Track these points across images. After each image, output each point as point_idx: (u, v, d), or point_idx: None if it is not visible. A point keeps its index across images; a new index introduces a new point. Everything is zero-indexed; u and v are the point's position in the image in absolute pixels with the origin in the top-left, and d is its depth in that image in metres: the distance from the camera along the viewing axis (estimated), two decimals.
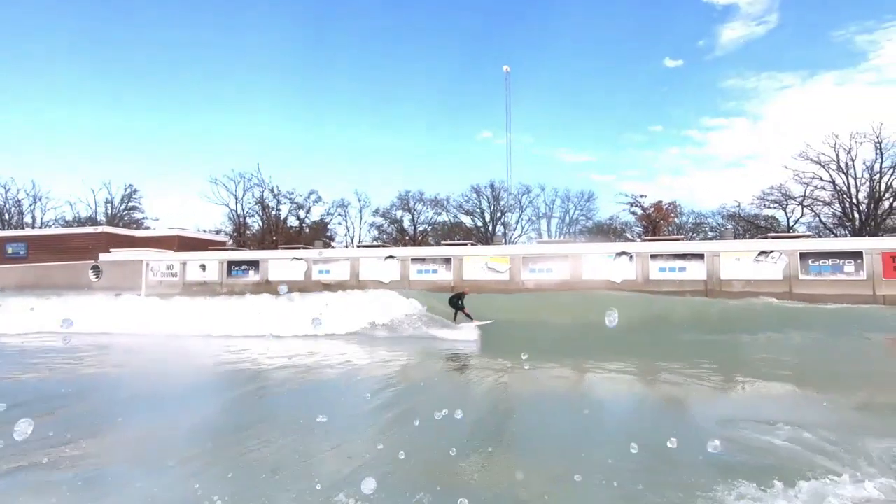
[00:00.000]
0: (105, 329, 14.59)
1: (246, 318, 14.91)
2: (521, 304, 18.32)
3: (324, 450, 4.56)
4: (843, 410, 6.36)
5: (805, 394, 7.25)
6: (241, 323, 14.49)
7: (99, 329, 14.50)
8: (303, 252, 25.36)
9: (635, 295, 18.69)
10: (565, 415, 6.27)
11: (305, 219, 45.67)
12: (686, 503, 3.54)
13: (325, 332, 13.76)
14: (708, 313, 16.15)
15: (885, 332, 13.70)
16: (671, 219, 40.24)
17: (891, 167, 32.38)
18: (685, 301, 17.89)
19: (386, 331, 14.33)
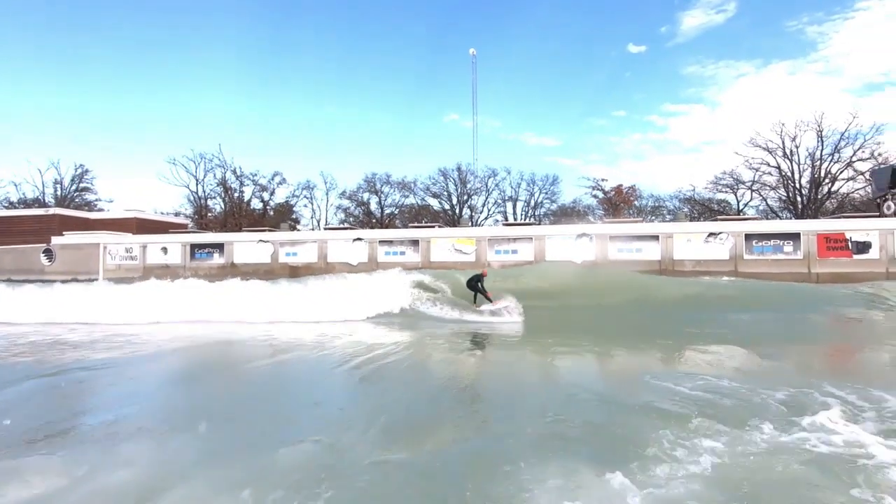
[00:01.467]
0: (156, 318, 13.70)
1: (288, 304, 14.42)
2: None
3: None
4: (758, 369, 7.21)
5: (730, 356, 8.11)
6: (284, 309, 14.06)
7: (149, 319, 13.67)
8: (269, 234, 25.16)
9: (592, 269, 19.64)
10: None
11: (270, 201, 44.87)
12: (626, 437, 4.15)
13: (345, 318, 13.57)
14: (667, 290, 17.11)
15: (822, 307, 14.85)
16: (631, 202, 41.75)
17: (830, 154, 34.63)
18: (641, 279, 18.92)
19: (418, 316, 14.15)
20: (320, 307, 14.03)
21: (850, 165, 34.17)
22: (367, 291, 15.36)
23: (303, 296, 15.16)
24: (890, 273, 18.48)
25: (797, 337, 11.07)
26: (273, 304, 14.42)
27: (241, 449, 4.23)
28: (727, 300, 15.77)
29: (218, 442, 4.47)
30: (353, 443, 4.29)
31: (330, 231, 27.72)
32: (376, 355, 8.33)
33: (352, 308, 14.18)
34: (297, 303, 14.47)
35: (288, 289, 16.26)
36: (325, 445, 4.23)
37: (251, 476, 3.61)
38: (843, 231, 19.10)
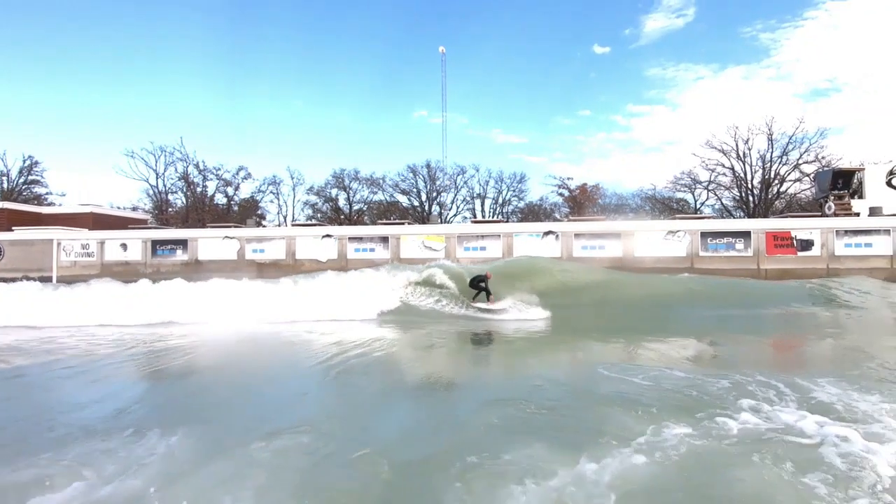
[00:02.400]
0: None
1: (313, 302, 14.08)
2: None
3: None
4: (710, 361, 7.80)
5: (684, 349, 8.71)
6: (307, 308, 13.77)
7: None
8: (235, 231, 24.72)
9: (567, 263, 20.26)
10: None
11: (234, 196, 43.88)
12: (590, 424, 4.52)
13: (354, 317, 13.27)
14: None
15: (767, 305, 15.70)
16: (595, 200, 42.97)
17: (779, 157, 36.65)
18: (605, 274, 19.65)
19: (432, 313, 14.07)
20: (334, 306, 13.86)
21: (797, 167, 36.25)
22: (371, 289, 15.32)
23: (307, 294, 14.97)
24: (830, 269, 19.85)
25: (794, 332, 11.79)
26: (279, 303, 14.06)
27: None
28: (691, 296, 16.62)
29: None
30: (334, 434, 4.50)
31: (298, 227, 27.44)
32: (361, 352, 8.50)
33: (356, 307, 13.99)
34: (307, 302, 14.21)
35: (292, 288, 15.88)
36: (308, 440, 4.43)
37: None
38: (788, 230, 20.37)
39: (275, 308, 13.42)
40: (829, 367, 7.00)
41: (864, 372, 6.43)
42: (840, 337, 10.06)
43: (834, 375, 6.15)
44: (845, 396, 5.15)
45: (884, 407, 4.80)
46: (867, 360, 7.15)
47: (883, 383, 5.72)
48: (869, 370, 6.49)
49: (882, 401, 4.99)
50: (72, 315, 12.99)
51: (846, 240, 19.96)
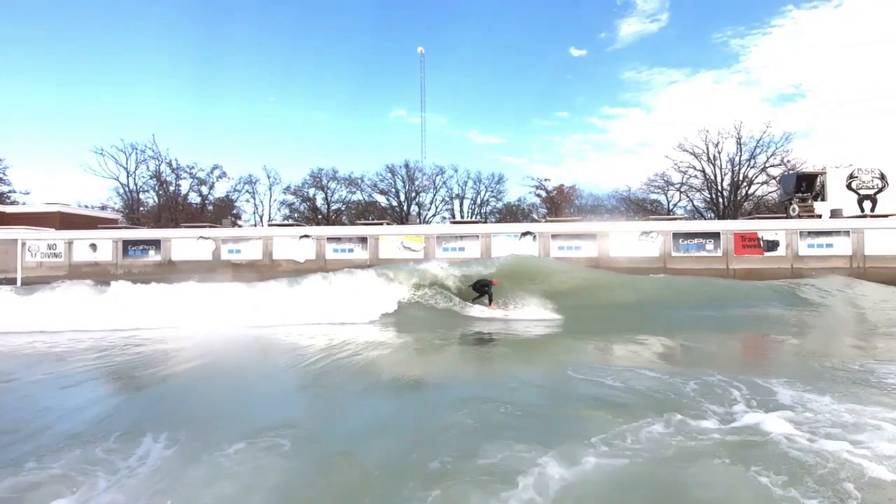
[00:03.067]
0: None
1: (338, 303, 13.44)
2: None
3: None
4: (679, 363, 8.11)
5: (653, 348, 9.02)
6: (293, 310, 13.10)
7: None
8: (210, 231, 24.31)
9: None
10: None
11: (209, 195, 43.08)
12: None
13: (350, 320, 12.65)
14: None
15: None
16: (572, 201, 43.68)
17: (747, 160, 37.93)
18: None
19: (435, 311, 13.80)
20: (345, 306, 13.32)
21: (764, 170, 37.59)
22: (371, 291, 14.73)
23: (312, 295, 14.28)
24: (794, 269, 20.67)
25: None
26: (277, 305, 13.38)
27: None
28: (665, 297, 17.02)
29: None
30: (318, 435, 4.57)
31: (275, 227, 27.14)
32: (349, 355, 8.54)
33: (355, 309, 13.39)
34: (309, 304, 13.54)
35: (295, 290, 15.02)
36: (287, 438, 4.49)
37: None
38: (755, 231, 21.13)
39: (269, 311, 12.76)
40: (804, 368, 7.33)
41: (826, 372, 6.76)
42: (818, 337, 10.52)
43: (802, 376, 6.48)
44: (806, 397, 5.39)
45: (848, 408, 5.07)
46: (831, 360, 7.48)
47: (849, 385, 6.02)
48: (834, 372, 6.80)
49: (836, 402, 5.27)
50: (43, 319, 12.40)
51: (809, 240, 20.81)
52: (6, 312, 12.57)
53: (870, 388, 5.90)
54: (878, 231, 20.60)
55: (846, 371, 6.76)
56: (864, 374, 6.58)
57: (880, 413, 4.87)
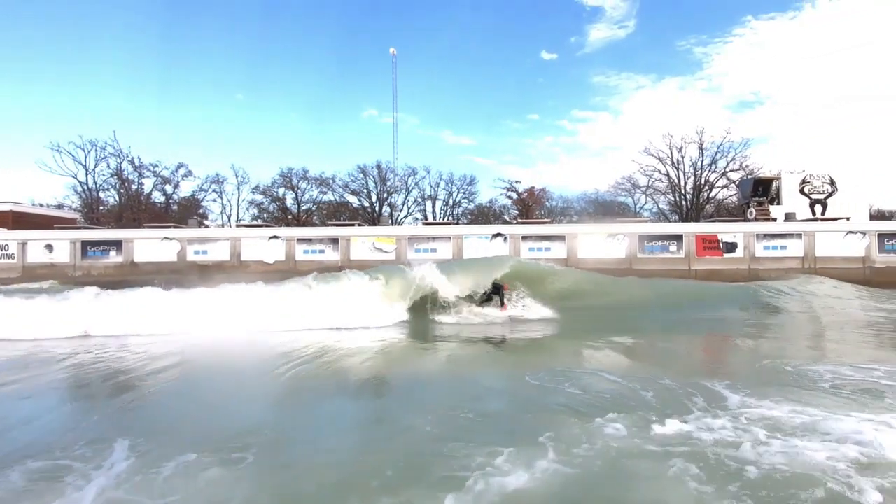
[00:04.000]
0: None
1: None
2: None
3: None
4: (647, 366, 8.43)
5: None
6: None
7: None
8: (176, 231, 23.66)
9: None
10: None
11: (174, 195, 41.84)
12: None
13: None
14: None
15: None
16: (542, 203, 44.38)
17: (709, 164, 39.40)
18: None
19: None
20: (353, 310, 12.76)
21: (724, 175, 39.11)
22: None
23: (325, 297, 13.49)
24: (751, 270, 21.61)
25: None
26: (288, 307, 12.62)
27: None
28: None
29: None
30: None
31: (244, 228, 26.62)
32: (327, 361, 8.50)
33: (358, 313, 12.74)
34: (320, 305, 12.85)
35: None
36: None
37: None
38: (716, 233, 22.01)
39: (272, 315, 12.11)
40: (761, 371, 7.57)
41: (781, 376, 7.04)
42: (788, 338, 10.91)
43: (756, 379, 6.79)
44: (750, 402, 5.56)
45: (806, 411, 5.30)
46: (791, 362, 7.69)
47: (805, 391, 6.20)
48: (784, 374, 7.06)
49: (780, 405, 5.50)
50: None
51: (765, 242, 21.80)
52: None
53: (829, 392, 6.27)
54: (828, 234, 21.76)
55: (799, 374, 7.11)
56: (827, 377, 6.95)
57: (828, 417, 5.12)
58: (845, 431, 4.67)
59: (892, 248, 21.45)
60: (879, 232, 21.72)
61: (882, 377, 6.74)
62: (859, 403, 5.54)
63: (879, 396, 5.87)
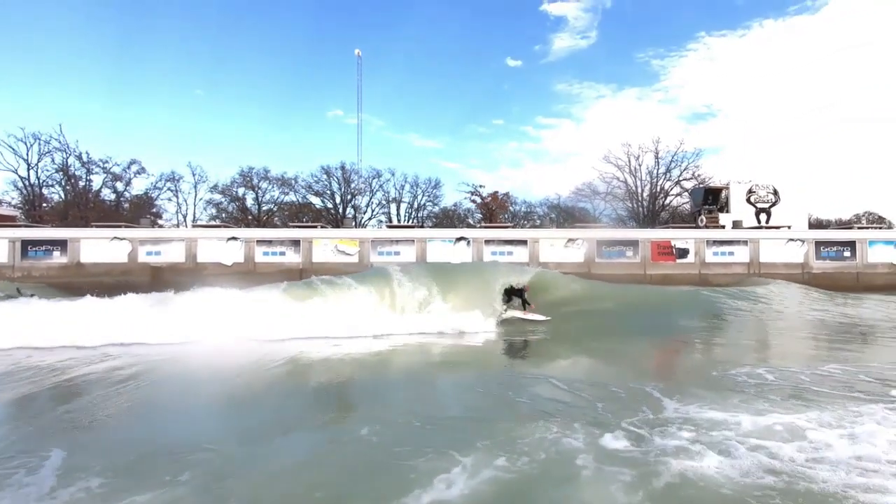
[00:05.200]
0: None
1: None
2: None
3: None
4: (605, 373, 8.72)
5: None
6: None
7: None
8: (126, 231, 22.64)
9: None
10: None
11: (125, 192, 39.94)
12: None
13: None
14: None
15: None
16: (506, 207, 44.95)
17: (664, 173, 41.02)
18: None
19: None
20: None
21: (678, 183, 40.80)
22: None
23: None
24: (701, 274, 22.64)
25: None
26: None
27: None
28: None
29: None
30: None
31: (201, 228, 25.76)
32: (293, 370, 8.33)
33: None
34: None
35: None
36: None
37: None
38: (669, 239, 22.95)
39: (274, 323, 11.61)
40: (710, 377, 7.89)
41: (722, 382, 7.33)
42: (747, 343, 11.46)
43: (702, 385, 7.13)
44: (691, 409, 5.75)
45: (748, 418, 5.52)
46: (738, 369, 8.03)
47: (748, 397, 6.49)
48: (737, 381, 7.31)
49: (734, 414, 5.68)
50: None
51: (714, 249, 22.90)
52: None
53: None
54: (771, 241, 23.09)
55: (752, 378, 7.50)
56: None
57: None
58: (763, 431, 4.96)
59: (827, 254, 22.97)
60: (817, 240, 23.22)
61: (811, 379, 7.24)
62: (784, 406, 5.92)
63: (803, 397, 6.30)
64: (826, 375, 7.49)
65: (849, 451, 4.52)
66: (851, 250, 22.96)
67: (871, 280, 22.49)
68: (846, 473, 4.07)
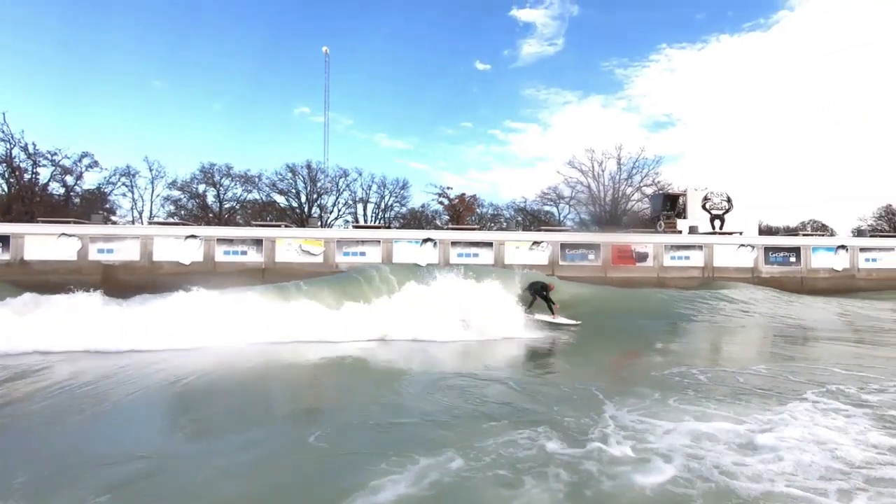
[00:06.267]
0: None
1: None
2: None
3: None
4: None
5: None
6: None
7: None
8: (76, 227, 21.56)
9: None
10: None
11: (76, 186, 38.02)
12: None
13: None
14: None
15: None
16: (473, 210, 45.28)
17: (626, 179, 42.31)
18: None
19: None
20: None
21: (639, 189, 42.16)
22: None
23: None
24: (660, 278, 23.44)
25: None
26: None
27: None
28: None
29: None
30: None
31: (158, 226, 24.81)
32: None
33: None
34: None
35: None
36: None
37: None
38: (629, 243, 23.67)
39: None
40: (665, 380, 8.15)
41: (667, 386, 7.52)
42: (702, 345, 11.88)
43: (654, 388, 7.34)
44: (631, 418, 5.73)
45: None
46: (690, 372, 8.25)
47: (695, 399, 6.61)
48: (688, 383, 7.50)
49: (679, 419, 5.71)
50: None
51: (672, 253, 23.76)
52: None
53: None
54: (724, 246, 24.15)
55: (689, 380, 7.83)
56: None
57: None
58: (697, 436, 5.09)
59: (775, 259, 24.21)
60: (766, 246, 24.44)
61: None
62: (729, 406, 6.19)
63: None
64: (755, 374, 7.89)
65: (761, 451, 4.67)
66: (797, 256, 24.28)
67: (814, 284, 23.83)
68: (760, 470, 4.23)
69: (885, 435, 5.06)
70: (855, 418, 5.60)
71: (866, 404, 6.15)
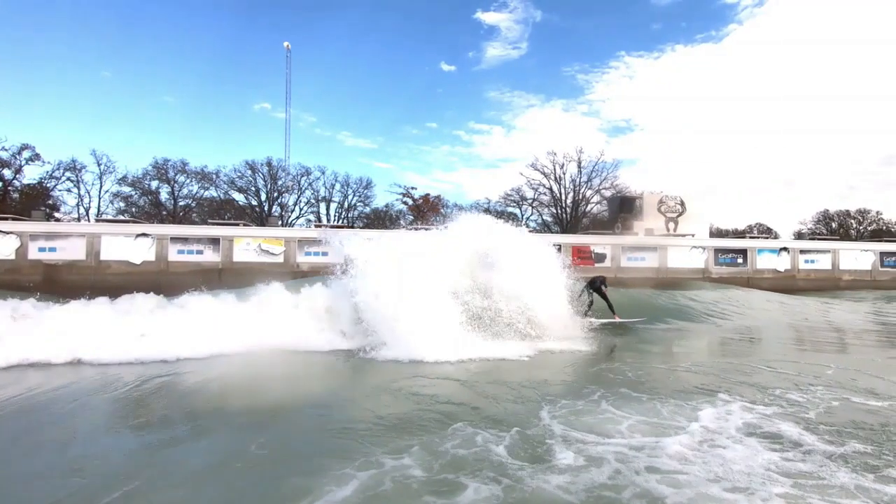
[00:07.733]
0: None
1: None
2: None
3: None
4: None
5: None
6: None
7: None
8: (14, 224, 20.25)
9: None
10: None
11: (14, 181, 35.73)
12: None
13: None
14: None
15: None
16: (437, 210, 45.37)
17: (586, 182, 43.42)
18: None
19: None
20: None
21: (598, 192, 43.35)
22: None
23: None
24: (617, 278, 24.13)
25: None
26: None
27: None
28: None
29: None
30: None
31: (105, 224, 23.60)
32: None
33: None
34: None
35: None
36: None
37: None
38: (589, 244, 24.29)
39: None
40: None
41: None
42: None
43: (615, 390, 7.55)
44: (573, 421, 5.65)
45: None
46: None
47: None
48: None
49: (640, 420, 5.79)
50: None
51: (629, 254, 24.54)
52: None
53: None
54: (677, 248, 25.15)
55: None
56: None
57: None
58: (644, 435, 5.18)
59: (724, 261, 25.40)
60: (716, 247, 25.61)
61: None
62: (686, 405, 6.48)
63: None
64: (688, 372, 8.15)
65: (672, 449, 4.75)
66: (744, 257, 25.57)
67: (759, 284, 25.16)
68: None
69: (803, 433, 5.21)
70: (773, 419, 5.66)
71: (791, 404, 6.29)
